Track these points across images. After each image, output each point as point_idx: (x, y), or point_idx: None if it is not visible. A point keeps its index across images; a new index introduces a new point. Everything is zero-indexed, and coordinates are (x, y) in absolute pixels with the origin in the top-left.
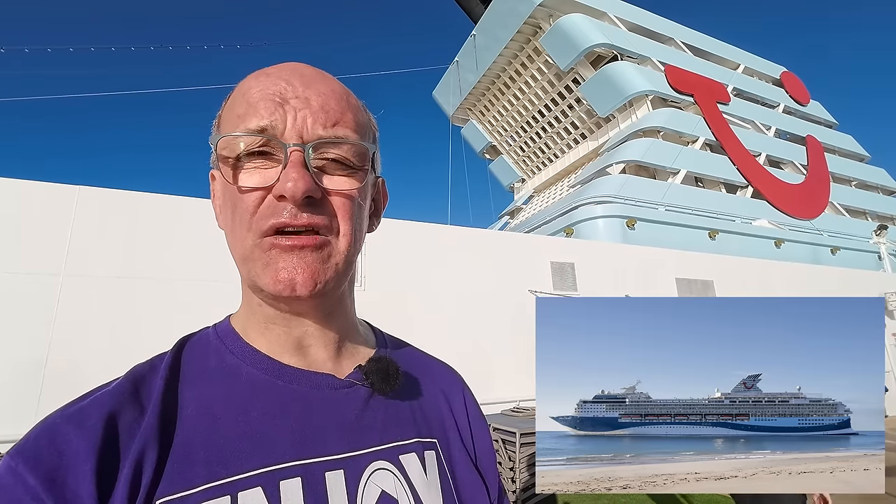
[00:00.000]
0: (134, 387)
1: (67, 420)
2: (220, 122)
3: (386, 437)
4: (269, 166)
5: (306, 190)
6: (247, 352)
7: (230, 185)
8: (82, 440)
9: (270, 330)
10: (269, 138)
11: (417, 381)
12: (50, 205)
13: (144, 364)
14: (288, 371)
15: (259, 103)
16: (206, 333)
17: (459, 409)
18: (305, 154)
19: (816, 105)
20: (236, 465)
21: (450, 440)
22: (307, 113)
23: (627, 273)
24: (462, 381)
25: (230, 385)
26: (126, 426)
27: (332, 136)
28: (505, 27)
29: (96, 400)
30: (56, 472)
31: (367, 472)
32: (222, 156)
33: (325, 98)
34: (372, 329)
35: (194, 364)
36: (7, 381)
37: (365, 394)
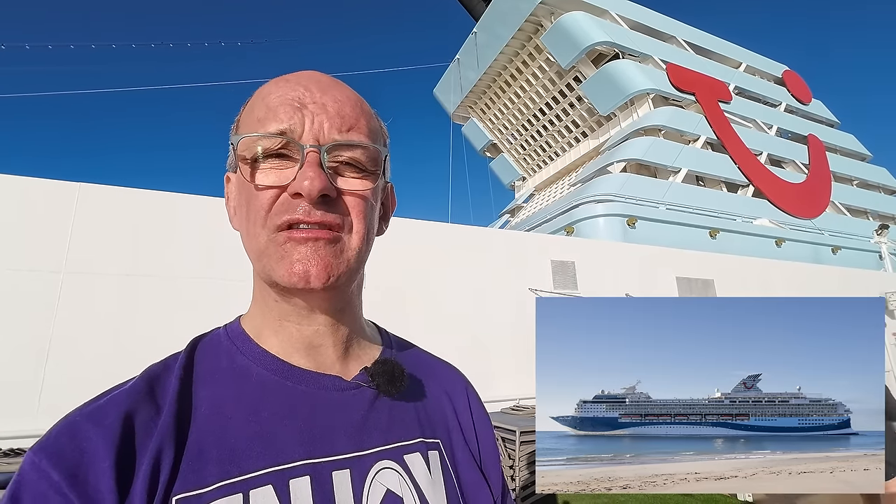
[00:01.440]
0: (149, 386)
1: (87, 418)
2: (239, 125)
3: (391, 437)
4: (285, 166)
5: (322, 188)
6: (257, 353)
7: (247, 184)
8: (101, 438)
9: (284, 328)
10: (288, 140)
11: (422, 382)
12: (51, 202)
13: (159, 364)
14: (297, 372)
15: (279, 108)
16: (217, 334)
17: (463, 408)
18: (321, 155)
19: (818, 104)
20: (248, 463)
21: (453, 440)
22: (324, 118)
23: (628, 272)
24: (465, 381)
25: (241, 386)
26: (143, 424)
27: (346, 140)
28: (506, 25)
29: (113, 399)
30: (78, 469)
31: (372, 471)
32: (241, 156)
33: (341, 104)
34: (378, 330)
35: (206, 364)
36: (8, 377)
37: (371, 395)
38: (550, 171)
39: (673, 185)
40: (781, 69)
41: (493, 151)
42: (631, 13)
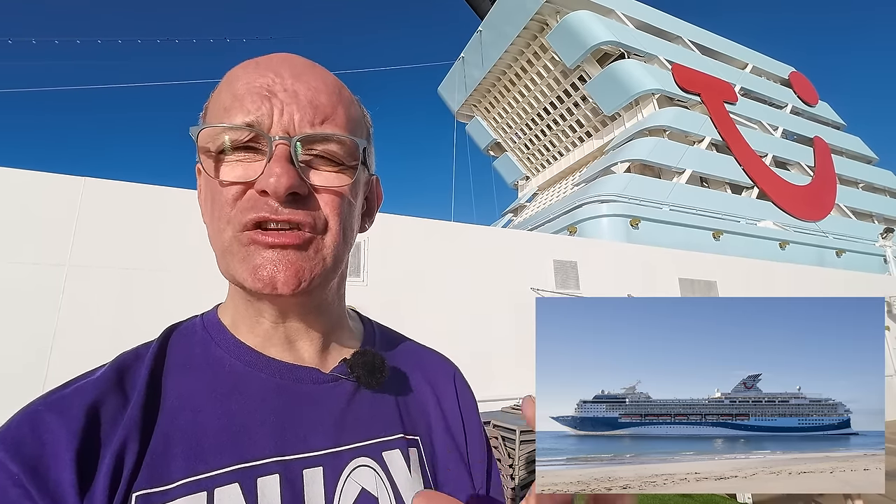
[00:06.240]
0: (118, 375)
1: (49, 408)
2: (207, 114)
3: (370, 432)
4: (253, 159)
5: (290, 186)
6: (231, 344)
7: (212, 179)
8: (64, 429)
9: (259, 323)
10: (255, 132)
11: (405, 374)
12: (56, 196)
13: (130, 352)
14: (271, 364)
15: (245, 96)
16: (193, 323)
17: (449, 399)
18: (292, 148)
19: (824, 106)
20: (214, 459)
21: (433, 435)
22: (295, 108)
23: (631, 272)
24: (453, 369)
25: (213, 377)
26: (108, 416)
27: (319, 133)
28: (512, 23)
29: (80, 388)
30: (38, 461)
31: (347, 469)
32: (204, 148)
33: (315, 92)
34: (361, 320)
35: (179, 354)
36: (11, 371)
37: (350, 388)
38: (554, 171)
39: (677, 185)
40: (788, 70)
41: (496, 150)
42: (637, 13)
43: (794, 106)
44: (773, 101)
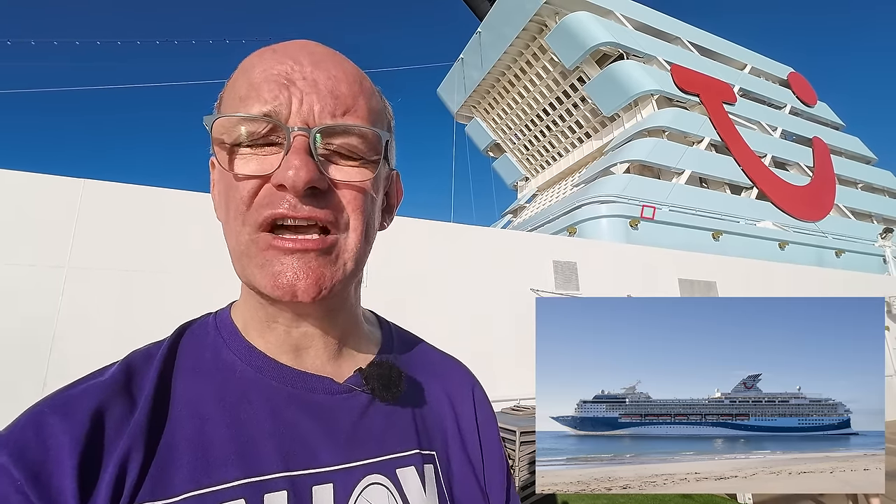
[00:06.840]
0: (127, 377)
1: (55, 410)
2: (222, 104)
3: (384, 448)
4: (270, 152)
5: (309, 180)
6: (244, 348)
7: (226, 173)
8: (67, 433)
9: (271, 328)
10: (273, 123)
11: (422, 385)
12: (55, 198)
13: (141, 351)
14: (284, 372)
15: (262, 85)
16: (206, 323)
17: (467, 411)
18: (311, 140)
19: (823, 106)
20: (220, 472)
21: (450, 451)
22: (315, 97)
23: (630, 273)
24: (472, 380)
25: (222, 383)
26: (114, 422)
27: (341, 124)
28: (511, 24)
29: (87, 390)
30: (41, 467)
31: (359, 486)
32: (219, 140)
33: (336, 81)
34: (380, 323)
35: (189, 357)
36: (10, 373)
37: (364, 400)
38: (553, 172)
39: (676, 186)
40: (787, 71)
41: (496, 151)
42: (636, 14)
43: (793, 106)
44: (772, 101)
